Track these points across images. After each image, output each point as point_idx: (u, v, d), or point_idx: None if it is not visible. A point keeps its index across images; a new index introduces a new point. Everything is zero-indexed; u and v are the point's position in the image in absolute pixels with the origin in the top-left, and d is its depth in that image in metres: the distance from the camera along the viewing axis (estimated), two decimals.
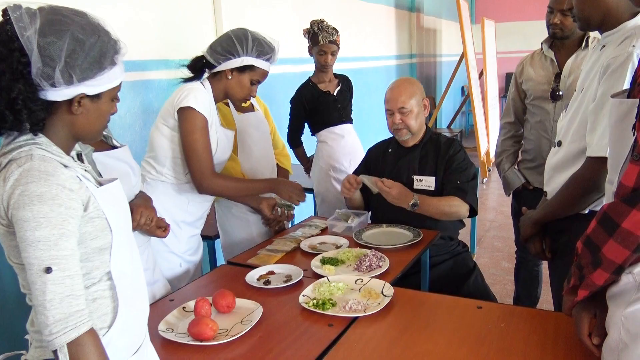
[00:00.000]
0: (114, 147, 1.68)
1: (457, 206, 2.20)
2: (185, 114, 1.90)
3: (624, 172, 0.97)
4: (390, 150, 2.42)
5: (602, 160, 1.17)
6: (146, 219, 1.63)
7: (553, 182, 1.65)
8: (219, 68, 1.96)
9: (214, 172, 1.98)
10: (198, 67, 2.00)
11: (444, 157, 2.28)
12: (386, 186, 2.17)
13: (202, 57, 1.98)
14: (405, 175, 2.31)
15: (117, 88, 1.12)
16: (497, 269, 3.89)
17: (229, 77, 1.97)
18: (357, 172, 2.52)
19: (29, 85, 0.98)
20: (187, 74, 2.02)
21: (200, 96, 1.91)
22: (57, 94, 1.01)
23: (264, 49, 1.97)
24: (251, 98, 2.11)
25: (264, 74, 2.03)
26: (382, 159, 2.43)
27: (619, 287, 1.01)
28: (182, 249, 2.06)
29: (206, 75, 2.04)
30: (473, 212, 2.28)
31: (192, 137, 1.90)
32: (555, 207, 1.62)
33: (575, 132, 1.56)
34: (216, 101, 2.03)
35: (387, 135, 2.56)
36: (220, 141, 2.05)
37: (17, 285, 1.08)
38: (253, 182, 2.15)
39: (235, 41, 1.92)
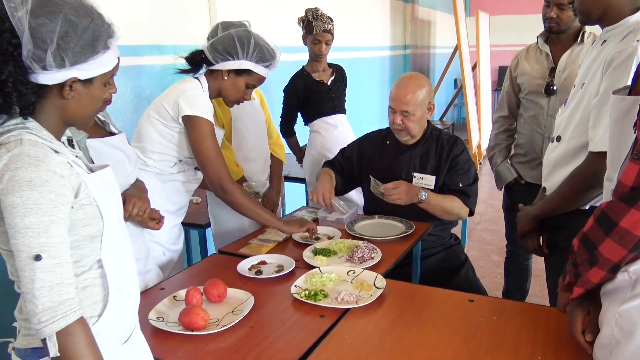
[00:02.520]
0: (111, 134, 1.65)
1: (458, 208, 2.18)
2: (192, 123, 1.87)
3: (623, 170, 0.96)
4: (388, 142, 2.34)
5: (605, 156, 1.17)
6: (139, 209, 1.60)
7: (553, 178, 1.64)
8: (216, 67, 1.93)
9: (231, 180, 1.94)
10: (196, 61, 1.96)
11: (447, 157, 2.23)
12: (392, 189, 2.09)
13: (202, 51, 1.93)
14: (405, 172, 2.25)
15: (110, 73, 1.09)
16: (487, 262, 3.91)
17: (225, 77, 1.94)
18: (345, 151, 2.44)
19: (19, 68, 0.95)
20: (183, 62, 1.98)
21: (202, 101, 1.89)
22: (49, 77, 0.99)
23: (265, 55, 1.93)
24: (245, 100, 2.05)
25: (261, 79, 1.99)
26: (379, 151, 2.35)
27: (613, 284, 1.02)
28: (164, 238, 2.04)
29: (203, 70, 2.01)
30: (470, 213, 2.27)
31: (204, 145, 1.87)
32: (555, 202, 1.61)
33: (576, 127, 1.55)
34: (210, 98, 1.99)
35: (379, 126, 2.54)
36: None
37: (5, 272, 1.06)
38: (265, 214, 2.00)
39: (237, 43, 1.87)
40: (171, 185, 2.04)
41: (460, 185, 2.20)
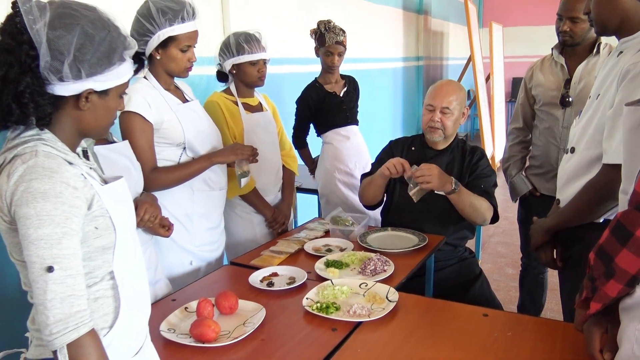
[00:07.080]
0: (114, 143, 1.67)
1: (485, 207, 2.15)
2: (120, 119, 1.84)
3: (638, 180, 0.94)
4: (413, 148, 2.35)
5: (619, 168, 1.15)
6: (150, 215, 1.61)
7: (566, 190, 1.62)
8: (147, 53, 1.86)
9: (154, 168, 1.88)
10: (136, 59, 1.91)
11: (468, 165, 2.24)
12: (425, 170, 2.02)
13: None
14: None
15: (125, 85, 1.11)
16: (501, 275, 3.86)
17: (158, 57, 1.87)
18: (380, 160, 2.39)
19: (36, 79, 0.97)
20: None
21: (133, 95, 1.83)
22: (65, 88, 1.00)
23: (169, 14, 1.78)
24: (193, 65, 1.92)
25: (191, 36, 1.85)
26: (404, 156, 2.33)
27: (633, 299, 0.99)
28: (196, 242, 2.01)
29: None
30: (495, 218, 2.24)
31: (130, 141, 1.80)
32: (569, 215, 1.59)
33: (590, 138, 1.53)
34: (167, 86, 1.93)
35: (392, 137, 2.53)
36: (185, 118, 1.95)
37: (18, 282, 1.06)
38: (194, 164, 1.97)
39: (142, 21, 1.80)
40: (191, 186, 1.99)
41: (482, 186, 2.19)
